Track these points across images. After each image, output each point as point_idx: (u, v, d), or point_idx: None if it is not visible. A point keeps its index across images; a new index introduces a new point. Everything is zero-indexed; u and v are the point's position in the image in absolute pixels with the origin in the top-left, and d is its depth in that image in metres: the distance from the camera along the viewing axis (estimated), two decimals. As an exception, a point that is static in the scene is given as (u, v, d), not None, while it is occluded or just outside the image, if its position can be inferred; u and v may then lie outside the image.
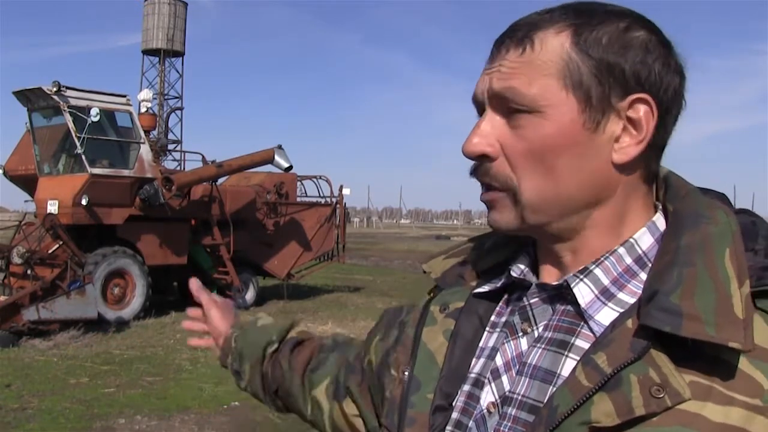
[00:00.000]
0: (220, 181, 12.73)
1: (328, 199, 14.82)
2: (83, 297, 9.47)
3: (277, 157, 12.54)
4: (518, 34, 0.75)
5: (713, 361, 0.65)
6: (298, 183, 14.53)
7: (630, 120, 0.73)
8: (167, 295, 13.02)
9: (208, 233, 12.35)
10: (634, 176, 0.76)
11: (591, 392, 0.66)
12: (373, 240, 45.97)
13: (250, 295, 13.13)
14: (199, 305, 1.40)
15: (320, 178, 15.05)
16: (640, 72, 0.72)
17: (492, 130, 0.76)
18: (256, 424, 5.96)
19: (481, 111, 0.79)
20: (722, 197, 0.79)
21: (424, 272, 0.95)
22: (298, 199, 14.49)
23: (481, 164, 0.77)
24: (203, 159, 13.13)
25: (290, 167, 12.86)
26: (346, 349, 1.15)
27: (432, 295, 0.93)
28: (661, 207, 0.79)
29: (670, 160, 0.80)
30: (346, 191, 14.86)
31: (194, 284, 1.37)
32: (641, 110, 0.73)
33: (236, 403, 6.49)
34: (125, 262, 10.91)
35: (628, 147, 0.73)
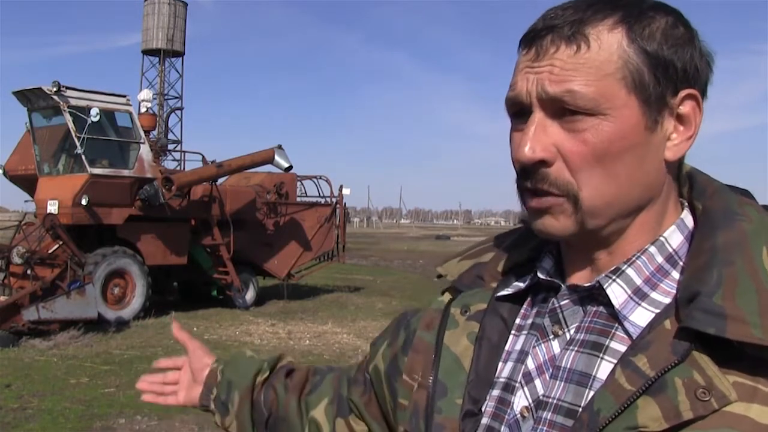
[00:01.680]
0: (220, 181, 12.73)
1: (328, 199, 14.82)
2: (83, 297, 9.47)
3: (277, 157, 12.55)
4: (565, 31, 0.71)
5: (756, 361, 0.64)
6: (298, 183, 14.54)
7: (679, 116, 0.72)
8: (167, 295, 13.03)
9: (208, 233, 12.35)
10: (673, 174, 0.76)
11: (635, 396, 0.65)
12: (373, 240, 45.96)
13: (250, 295, 13.13)
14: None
15: (320, 178, 15.05)
16: (688, 67, 0.71)
17: (546, 134, 0.72)
18: (256, 424, 5.95)
19: (519, 112, 0.75)
20: (747, 193, 0.78)
21: (439, 276, 0.93)
22: (298, 199, 14.49)
23: (535, 171, 0.72)
24: (203, 159, 13.14)
25: (290, 167, 12.87)
26: (342, 370, 1.12)
27: (451, 297, 0.90)
28: (686, 204, 0.78)
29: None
30: (346, 191, 14.87)
31: (176, 327, 1.28)
32: (689, 106, 0.72)
33: (236, 403, 6.49)
34: (125, 262, 10.91)
35: (680, 143, 0.73)
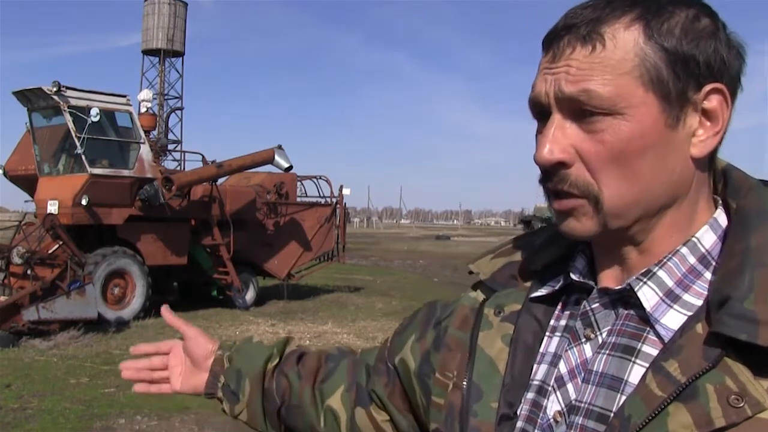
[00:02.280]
0: (220, 181, 12.73)
1: (328, 199, 14.82)
2: (83, 297, 9.47)
3: (277, 157, 12.55)
4: (581, 30, 0.70)
5: None
6: (298, 183, 14.53)
7: (705, 112, 0.71)
8: (167, 295, 13.02)
9: (208, 233, 12.34)
10: (704, 170, 0.74)
11: (666, 402, 0.64)
12: (373, 240, 45.96)
13: (250, 295, 13.13)
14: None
15: (320, 178, 15.05)
16: (712, 61, 0.69)
17: (564, 135, 0.72)
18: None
19: (541, 113, 0.75)
20: None
21: (471, 273, 0.91)
22: (298, 199, 14.49)
23: (555, 172, 0.72)
24: (203, 159, 13.14)
25: (290, 167, 12.87)
26: (358, 356, 1.10)
27: (484, 296, 0.89)
28: (721, 202, 0.76)
29: None
30: (346, 191, 14.87)
31: (166, 311, 1.23)
32: (715, 100, 0.70)
33: (236, 403, 6.49)
34: (125, 262, 10.91)
35: (707, 139, 0.71)
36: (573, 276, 0.79)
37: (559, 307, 0.82)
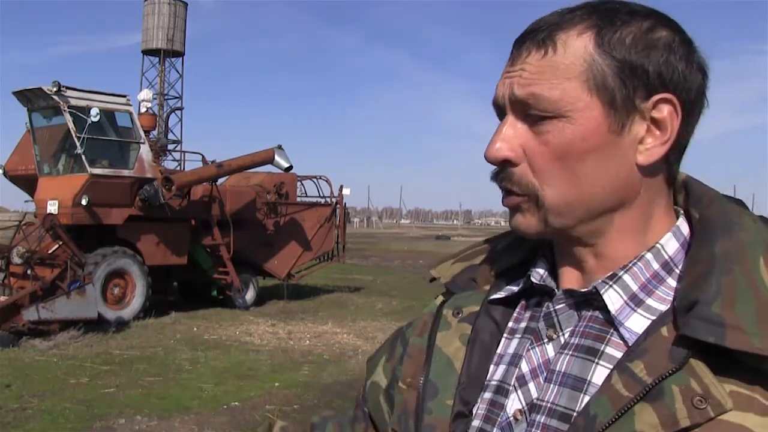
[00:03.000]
0: (220, 181, 12.73)
1: (328, 199, 14.82)
2: (83, 297, 9.46)
3: (277, 157, 12.54)
4: (539, 36, 0.73)
5: (753, 371, 0.64)
6: (298, 183, 14.53)
7: (654, 121, 0.72)
8: (167, 295, 13.03)
9: (208, 233, 12.34)
10: (657, 179, 0.75)
11: (632, 402, 0.65)
12: (373, 240, 45.96)
13: (250, 295, 13.13)
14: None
15: (320, 178, 15.05)
16: (664, 72, 0.71)
17: (514, 135, 0.75)
18: (256, 424, 5.95)
19: (501, 115, 0.77)
20: (741, 203, 0.78)
21: (432, 279, 0.93)
22: (298, 199, 14.49)
23: (502, 169, 0.76)
24: (203, 159, 13.13)
25: (290, 167, 12.86)
26: (342, 417, 1.06)
27: (443, 298, 0.91)
28: (682, 212, 0.78)
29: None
30: (346, 191, 14.86)
31: None
32: (665, 110, 0.72)
33: (236, 403, 6.49)
34: (125, 262, 10.91)
35: (653, 148, 0.72)
36: (534, 279, 0.81)
37: (518, 309, 0.84)
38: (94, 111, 10.48)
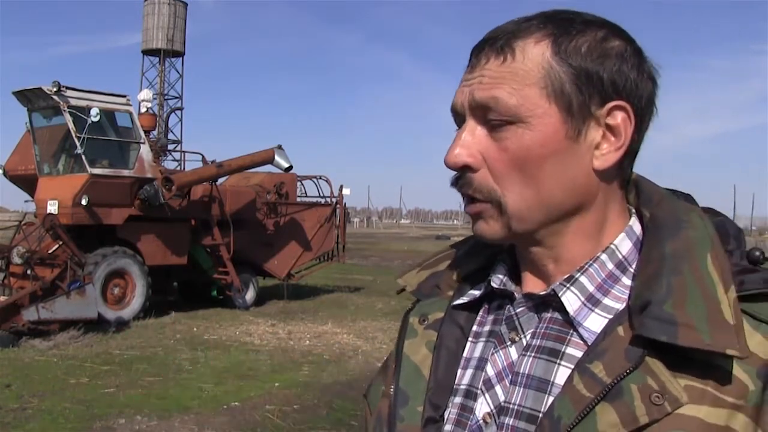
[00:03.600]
0: (220, 181, 12.73)
1: (328, 199, 14.82)
2: (83, 297, 9.46)
3: (277, 157, 12.55)
4: (498, 43, 0.75)
5: (704, 365, 0.67)
6: (298, 183, 14.53)
7: (609, 127, 0.74)
8: (167, 295, 13.03)
9: (208, 233, 12.34)
10: (612, 182, 0.78)
11: (593, 403, 0.67)
12: (373, 240, 45.97)
13: (250, 295, 13.13)
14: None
15: (320, 178, 15.05)
16: (617, 80, 0.73)
17: (474, 140, 0.76)
18: (256, 424, 5.95)
19: (460, 122, 0.79)
20: (690, 198, 0.82)
21: (402, 290, 0.95)
22: (298, 199, 14.49)
23: (462, 175, 0.77)
24: (203, 159, 13.14)
25: (290, 167, 12.87)
26: None
27: (410, 307, 0.92)
28: (634, 211, 0.81)
29: (680, 162, 0.77)
30: (346, 191, 14.87)
31: None
32: (619, 117, 0.74)
33: (236, 403, 6.49)
34: (125, 262, 10.91)
35: (608, 153, 0.75)
36: (494, 284, 0.83)
37: (481, 313, 0.86)
38: (94, 111, 10.49)
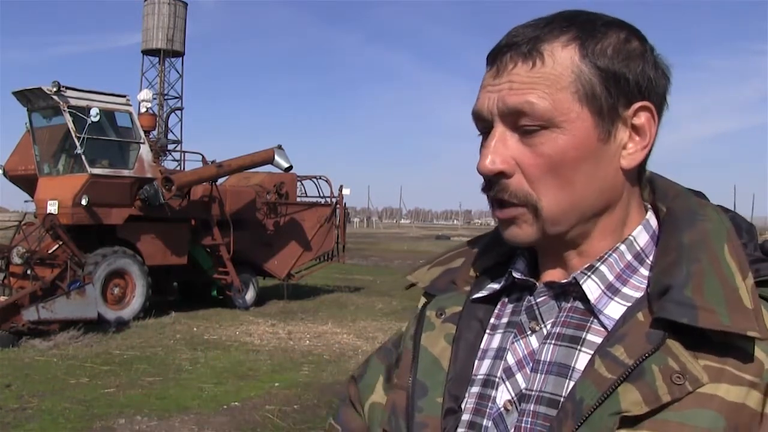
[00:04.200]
0: (220, 181, 12.73)
1: (328, 199, 14.82)
2: (83, 297, 9.46)
3: (277, 157, 12.54)
4: (523, 48, 0.75)
5: (723, 346, 0.69)
6: (298, 183, 14.53)
7: (634, 127, 0.77)
8: (167, 295, 13.03)
9: (208, 233, 12.34)
10: (634, 180, 0.81)
11: (616, 384, 0.69)
12: (373, 240, 45.96)
13: (250, 295, 13.12)
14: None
15: (320, 178, 15.05)
16: (641, 81, 0.75)
17: (505, 147, 0.76)
18: (256, 424, 5.95)
19: (484, 127, 0.79)
20: (702, 195, 0.84)
21: (411, 285, 0.96)
22: (298, 199, 14.49)
23: (497, 181, 0.77)
24: (203, 159, 13.13)
25: (290, 167, 12.87)
26: None
27: (425, 300, 0.93)
28: (650, 206, 0.84)
29: (680, 162, 0.77)
30: (346, 191, 14.86)
31: None
32: (643, 117, 0.76)
33: (236, 403, 6.49)
34: (125, 262, 10.90)
35: (635, 153, 0.77)
36: (516, 275, 0.84)
37: (498, 306, 0.87)
38: (94, 111, 10.48)
